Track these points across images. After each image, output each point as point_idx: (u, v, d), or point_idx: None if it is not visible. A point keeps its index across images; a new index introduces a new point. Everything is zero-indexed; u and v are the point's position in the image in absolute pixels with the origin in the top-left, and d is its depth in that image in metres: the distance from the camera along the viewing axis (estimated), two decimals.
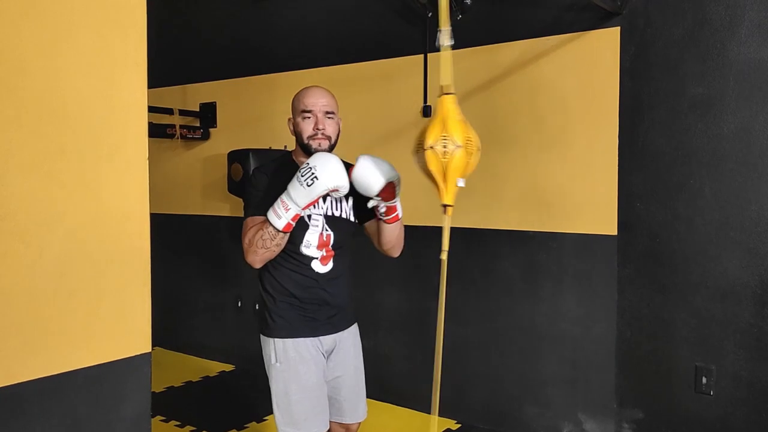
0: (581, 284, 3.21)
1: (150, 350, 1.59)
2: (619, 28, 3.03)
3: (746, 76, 2.75)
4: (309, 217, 2.07)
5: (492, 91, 3.43)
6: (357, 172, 1.92)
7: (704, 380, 2.89)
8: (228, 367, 4.61)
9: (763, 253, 2.75)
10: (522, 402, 3.40)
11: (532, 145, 3.30)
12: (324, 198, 2.06)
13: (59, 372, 1.40)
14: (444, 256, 1.80)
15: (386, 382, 3.75)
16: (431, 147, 1.68)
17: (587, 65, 3.13)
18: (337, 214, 2.13)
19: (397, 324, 3.80)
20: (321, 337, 2.13)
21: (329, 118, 2.08)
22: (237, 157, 4.06)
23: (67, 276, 1.42)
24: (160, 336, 4.86)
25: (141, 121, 1.56)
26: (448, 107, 1.73)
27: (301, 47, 4.17)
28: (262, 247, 1.94)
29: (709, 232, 2.86)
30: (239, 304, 4.58)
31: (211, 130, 4.68)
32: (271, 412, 3.65)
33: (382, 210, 2.04)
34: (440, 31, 1.73)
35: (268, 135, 4.27)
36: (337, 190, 1.89)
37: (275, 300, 2.10)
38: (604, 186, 3.10)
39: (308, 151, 2.06)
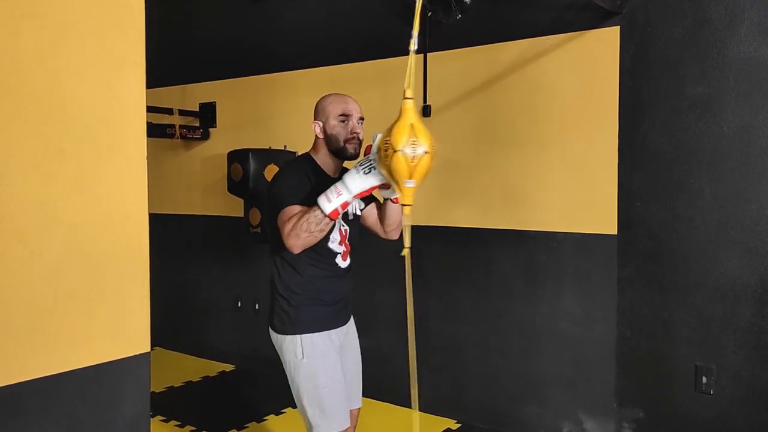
0: (581, 284, 3.20)
1: (149, 350, 1.59)
2: (618, 27, 3.03)
3: (746, 75, 2.75)
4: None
5: (492, 90, 3.42)
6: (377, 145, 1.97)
7: (704, 380, 2.88)
8: (228, 367, 4.61)
9: (763, 253, 2.74)
10: (522, 401, 3.40)
11: (532, 144, 3.30)
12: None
13: (58, 372, 1.40)
14: (406, 252, 1.86)
15: (385, 381, 3.74)
16: (400, 150, 1.71)
17: (587, 65, 3.13)
18: (350, 210, 2.24)
19: (396, 323, 3.80)
20: (339, 329, 2.24)
21: (360, 123, 2.21)
22: (237, 156, 4.06)
23: (66, 276, 1.42)
24: (161, 336, 4.86)
25: (140, 121, 1.56)
26: (414, 112, 1.77)
27: (301, 47, 4.16)
28: (306, 231, 1.91)
29: (709, 231, 2.86)
30: (239, 304, 4.58)
31: (210, 130, 4.68)
32: (271, 412, 3.68)
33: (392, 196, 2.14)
34: (412, 36, 1.76)
35: (268, 135, 4.27)
36: (388, 187, 1.95)
37: (301, 297, 2.15)
38: (604, 185, 3.10)
39: (341, 154, 2.16)
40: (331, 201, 1.88)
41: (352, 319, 2.37)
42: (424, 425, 3.53)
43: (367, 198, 2.28)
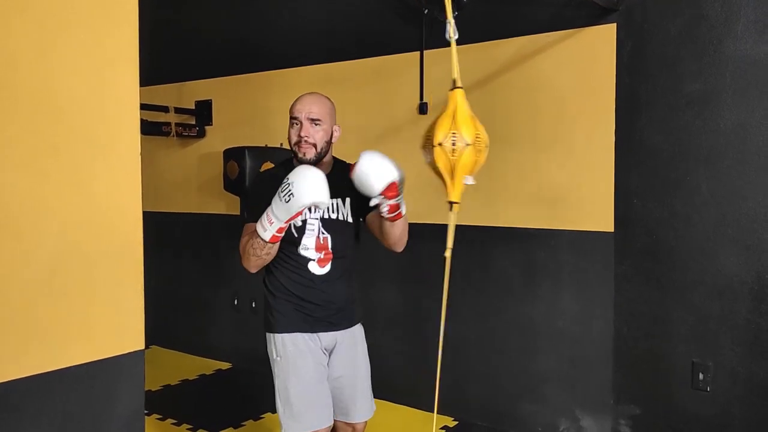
0: (578, 281, 3.20)
1: (143, 347, 1.58)
2: (615, 24, 3.03)
3: (743, 72, 2.75)
4: (304, 221, 2.09)
5: (489, 88, 3.42)
6: (358, 171, 1.88)
7: (701, 376, 2.88)
8: (224, 366, 4.60)
9: (759, 250, 2.74)
10: (519, 399, 3.40)
11: (529, 142, 3.30)
12: (311, 209, 2.04)
13: (51, 369, 1.39)
14: (448, 254, 1.81)
15: (383, 379, 3.73)
16: (440, 144, 1.63)
17: (584, 62, 3.12)
18: (333, 216, 2.14)
19: (394, 321, 3.80)
20: (319, 334, 2.16)
21: (315, 125, 2.06)
22: (233, 154, 4.05)
23: (60, 273, 1.41)
24: (157, 334, 4.85)
25: (133, 117, 1.55)
26: (458, 102, 1.67)
27: (298, 44, 4.15)
28: (253, 255, 1.99)
29: (706, 228, 2.86)
30: (235, 302, 4.57)
31: (206, 127, 4.67)
32: (268, 410, 3.68)
33: (385, 209, 1.97)
34: (448, 23, 1.69)
35: (264, 132, 4.26)
36: (317, 207, 1.90)
37: (275, 297, 2.16)
38: (601, 183, 3.10)
39: (298, 158, 2.09)
40: (266, 229, 1.90)
41: (354, 330, 2.26)
42: (422, 423, 3.53)
43: (366, 205, 2.08)
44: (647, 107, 2.97)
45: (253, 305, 4.45)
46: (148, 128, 4.30)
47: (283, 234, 1.93)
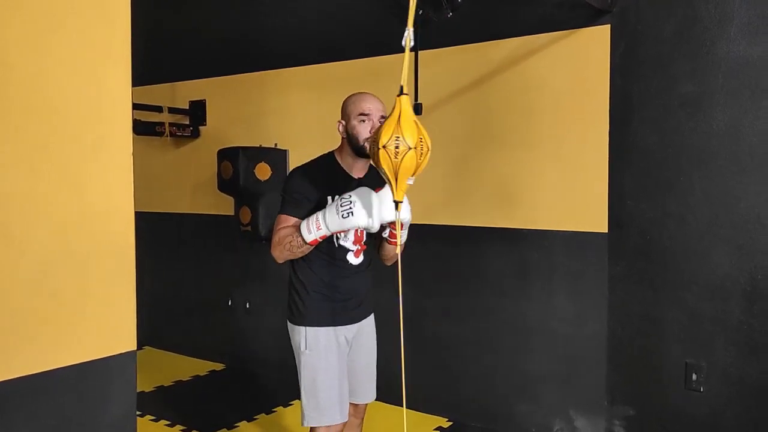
0: (572, 282, 3.21)
1: (135, 348, 1.57)
2: (609, 25, 3.03)
3: (735, 74, 2.76)
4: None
5: (483, 89, 3.42)
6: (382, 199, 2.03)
7: (694, 377, 2.89)
8: (218, 366, 4.59)
9: (752, 250, 2.75)
10: (513, 399, 3.40)
11: (523, 142, 3.30)
12: None
13: (43, 370, 1.38)
14: (398, 250, 1.98)
15: (378, 379, 3.73)
16: (384, 146, 1.72)
17: (578, 63, 3.13)
18: None
19: (387, 321, 3.78)
20: (348, 326, 2.27)
21: (382, 122, 2.19)
22: (227, 155, 4.03)
23: (51, 273, 1.40)
24: (150, 335, 4.83)
25: (125, 116, 1.54)
26: (404, 107, 1.77)
27: (292, 45, 4.15)
28: (288, 250, 2.07)
29: (699, 229, 2.87)
30: (229, 303, 4.55)
31: (200, 128, 4.65)
32: (262, 411, 3.67)
33: (386, 233, 2.25)
34: (407, 30, 1.77)
35: (259, 133, 4.25)
36: (367, 229, 2.03)
37: (308, 290, 2.22)
38: (595, 184, 3.10)
39: (361, 153, 2.17)
40: (311, 232, 2.00)
41: (371, 318, 2.42)
42: (416, 423, 3.53)
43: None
44: (640, 108, 2.98)
45: (247, 306, 4.44)
46: (141, 128, 4.29)
47: (322, 240, 2.04)
